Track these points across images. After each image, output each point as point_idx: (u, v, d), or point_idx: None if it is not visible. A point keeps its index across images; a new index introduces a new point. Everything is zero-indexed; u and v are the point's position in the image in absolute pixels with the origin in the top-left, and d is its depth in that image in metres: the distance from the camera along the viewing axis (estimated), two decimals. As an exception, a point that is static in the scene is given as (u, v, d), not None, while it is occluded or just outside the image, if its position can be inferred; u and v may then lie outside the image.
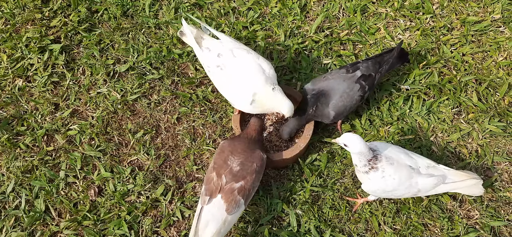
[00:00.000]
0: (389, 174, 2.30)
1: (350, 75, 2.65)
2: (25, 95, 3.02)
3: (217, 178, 2.36)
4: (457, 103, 2.90)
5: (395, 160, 2.32)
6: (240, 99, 2.54)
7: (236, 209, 2.32)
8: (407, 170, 2.31)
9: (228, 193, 2.32)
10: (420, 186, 2.33)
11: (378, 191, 2.37)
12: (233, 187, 2.33)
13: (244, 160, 2.39)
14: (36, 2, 3.35)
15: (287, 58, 3.08)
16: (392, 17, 3.25)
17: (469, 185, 2.40)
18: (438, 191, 2.39)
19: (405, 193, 2.37)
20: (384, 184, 2.31)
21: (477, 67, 3.04)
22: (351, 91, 2.62)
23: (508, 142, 2.78)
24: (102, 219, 2.62)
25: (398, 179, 2.30)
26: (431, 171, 2.35)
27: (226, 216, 2.30)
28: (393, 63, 2.78)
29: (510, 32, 3.16)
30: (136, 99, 3.00)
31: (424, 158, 2.40)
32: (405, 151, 2.39)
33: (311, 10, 3.33)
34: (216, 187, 2.34)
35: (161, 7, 3.35)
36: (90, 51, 3.16)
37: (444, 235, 2.53)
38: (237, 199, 2.32)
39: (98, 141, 2.85)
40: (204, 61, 2.61)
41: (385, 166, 2.29)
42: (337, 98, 2.61)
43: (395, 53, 2.75)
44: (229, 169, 2.37)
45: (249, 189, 2.37)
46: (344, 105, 2.62)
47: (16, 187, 2.71)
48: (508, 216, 2.58)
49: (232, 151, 2.42)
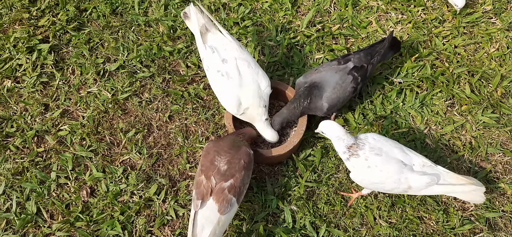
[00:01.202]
0: (375, 165, 2.28)
1: (342, 66, 2.63)
2: (14, 96, 2.98)
3: (206, 181, 2.33)
4: (450, 95, 2.90)
5: (385, 152, 2.30)
6: (232, 107, 2.57)
7: (229, 208, 2.29)
8: (397, 164, 2.28)
9: (219, 194, 2.29)
10: (411, 183, 2.29)
11: (364, 181, 2.35)
12: (223, 187, 2.30)
13: (230, 159, 2.37)
14: (23, 2, 3.30)
15: (279, 53, 3.06)
16: (384, 10, 3.25)
17: (468, 191, 2.32)
18: (433, 192, 2.33)
19: (395, 188, 2.33)
20: (371, 175, 2.30)
21: (469, 58, 3.04)
22: (344, 83, 2.61)
23: (502, 133, 2.78)
24: (95, 220, 2.59)
25: (385, 172, 2.28)
26: (427, 170, 2.30)
27: (219, 216, 2.27)
28: (385, 53, 2.77)
29: (501, 23, 3.16)
30: (127, 98, 2.96)
31: (421, 156, 2.35)
32: (401, 147, 2.36)
33: (302, 5, 3.31)
34: (206, 189, 2.31)
35: (150, 5, 3.32)
36: (79, 50, 3.12)
37: (440, 227, 2.52)
38: (228, 198, 2.29)
39: (89, 141, 2.81)
40: (205, 59, 2.59)
41: (368, 155, 2.28)
42: (330, 90, 2.59)
43: (387, 43, 2.74)
44: (217, 170, 2.34)
45: (240, 186, 2.34)
46: (338, 97, 2.61)
47: (7, 190, 2.67)
48: (503, 207, 2.58)
49: (218, 151, 2.40)
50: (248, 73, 2.55)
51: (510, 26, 3.16)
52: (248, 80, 2.54)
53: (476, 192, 2.32)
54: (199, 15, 2.60)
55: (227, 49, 2.57)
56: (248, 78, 2.54)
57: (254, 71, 2.56)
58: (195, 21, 2.59)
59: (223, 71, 2.53)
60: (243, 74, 2.54)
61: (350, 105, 2.87)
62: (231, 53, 2.56)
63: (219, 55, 2.55)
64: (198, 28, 2.58)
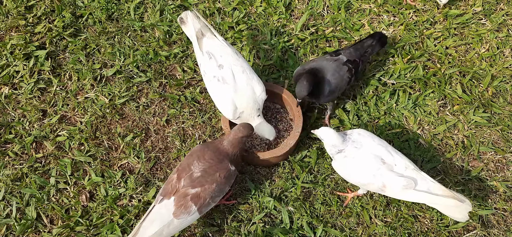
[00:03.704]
0: (352, 157, 2.33)
1: (336, 58, 2.72)
2: (12, 102, 2.99)
3: (176, 180, 2.34)
4: (442, 96, 2.96)
5: (364, 146, 2.33)
6: (227, 112, 2.60)
7: (185, 215, 2.28)
8: (375, 160, 2.30)
9: (180, 197, 2.29)
10: (385, 181, 2.28)
11: (341, 170, 2.41)
12: (187, 193, 2.30)
13: (207, 168, 2.36)
14: (19, 9, 3.32)
15: (273, 56, 3.10)
16: (376, 13, 3.30)
17: (450, 205, 2.26)
18: (411, 199, 2.29)
19: (370, 184, 2.33)
20: (346, 164, 2.36)
21: (460, 59, 3.10)
22: (341, 71, 2.67)
23: (493, 132, 2.84)
24: (94, 224, 2.61)
25: (360, 164, 2.32)
26: (407, 173, 2.28)
27: (172, 219, 2.27)
28: (374, 47, 2.85)
29: (491, 24, 3.22)
30: (125, 103, 2.99)
31: (406, 160, 2.33)
32: (386, 146, 2.36)
33: (295, 9, 3.35)
34: (172, 188, 2.33)
35: (146, 10, 3.35)
36: (76, 56, 3.14)
37: (434, 225, 2.57)
38: (188, 205, 2.28)
39: (87, 146, 2.83)
40: (202, 65, 2.63)
41: (350, 149, 2.35)
42: (330, 75, 2.65)
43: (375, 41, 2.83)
44: (190, 174, 2.34)
45: (205, 198, 2.32)
46: (336, 83, 2.66)
47: (7, 196, 2.69)
48: (495, 204, 2.63)
49: (200, 156, 2.39)
50: (243, 78, 2.59)
51: (500, 27, 3.22)
52: (243, 85, 2.58)
53: (458, 208, 2.26)
54: (195, 20, 2.64)
55: (223, 55, 2.60)
56: (243, 83, 2.58)
57: (249, 76, 2.60)
58: (191, 27, 2.62)
59: (219, 76, 2.57)
60: (238, 79, 2.58)
61: (344, 106, 2.92)
62: (226, 59, 2.60)
63: (216, 61, 2.58)
64: (194, 34, 2.61)
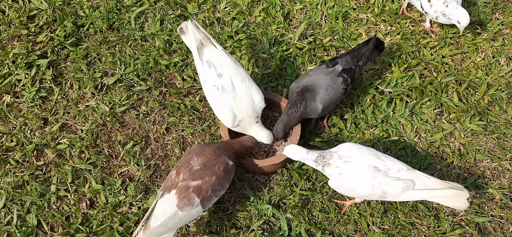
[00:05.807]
0: (347, 172, 2.35)
1: (331, 69, 2.73)
2: (14, 111, 3.03)
3: (175, 175, 2.37)
4: (439, 104, 2.99)
5: (355, 159, 2.35)
6: (226, 120, 2.63)
7: (190, 207, 2.30)
8: (370, 170, 2.32)
9: (182, 190, 2.31)
10: (386, 188, 2.31)
11: (340, 187, 2.42)
12: (188, 185, 2.32)
13: (206, 162, 2.40)
14: (21, 18, 3.36)
15: (272, 65, 3.14)
16: (373, 22, 3.34)
17: (449, 195, 2.30)
18: (413, 198, 2.34)
19: (370, 194, 2.36)
20: (343, 181, 2.37)
21: (456, 68, 3.13)
22: (335, 84, 2.69)
23: (489, 140, 2.86)
24: (95, 231, 2.63)
25: (357, 178, 2.33)
26: (403, 175, 2.32)
27: (176, 211, 2.28)
28: (370, 54, 2.87)
29: (486, 34, 3.26)
30: (125, 111, 3.02)
31: (397, 161, 2.37)
32: (375, 153, 2.39)
33: (294, 18, 3.39)
34: (172, 183, 2.35)
35: (146, 20, 3.39)
36: (77, 65, 3.18)
37: (431, 232, 2.59)
38: (191, 196, 2.30)
39: (88, 154, 2.86)
40: (201, 74, 2.66)
41: (338, 163, 2.36)
42: (323, 92, 2.67)
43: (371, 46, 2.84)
44: (189, 168, 2.37)
45: (207, 190, 2.34)
46: (330, 98, 2.69)
47: (8, 203, 2.71)
48: (492, 211, 2.65)
49: (199, 153, 2.44)
50: (242, 87, 2.62)
51: (495, 36, 3.26)
52: (242, 94, 2.61)
53: (458, 197, 2.31)
54: (195, 30, 2.67)
55: (222, 64, 2.63)
56: (242, 92, 2.61)
57: (248, 85, 2.63)
58: (192, 38, 2.66)
59: (219, 85, 2.60)
60: (237, 88, 2.61)
61: (342, 114, 2.95)
62: (226, 68, 2.63)
63: (215, 70, 2.62)
64: (195, 44, 2.64)
